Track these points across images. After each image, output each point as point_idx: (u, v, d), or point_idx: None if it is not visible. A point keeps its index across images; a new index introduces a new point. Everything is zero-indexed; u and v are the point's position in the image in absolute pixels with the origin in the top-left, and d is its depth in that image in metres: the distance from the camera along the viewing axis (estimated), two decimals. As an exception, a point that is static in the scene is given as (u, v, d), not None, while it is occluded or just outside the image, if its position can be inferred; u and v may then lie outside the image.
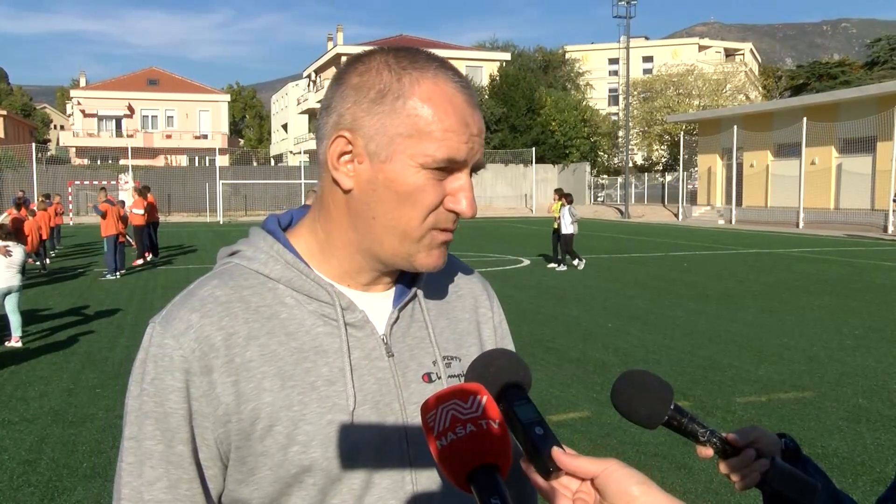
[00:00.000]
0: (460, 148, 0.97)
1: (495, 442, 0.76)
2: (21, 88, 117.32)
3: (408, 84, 0.97)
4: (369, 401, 1.01)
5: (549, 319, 10.32)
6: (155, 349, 0.99)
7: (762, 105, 43.21)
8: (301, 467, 0.96)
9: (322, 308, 1.02)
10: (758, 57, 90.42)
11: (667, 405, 0.98)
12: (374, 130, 0.97)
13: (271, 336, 1.00)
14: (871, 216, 31.08)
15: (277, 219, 1.13)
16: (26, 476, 4.88)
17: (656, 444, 5.20)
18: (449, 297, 1.16)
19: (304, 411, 0.97)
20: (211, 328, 0.98)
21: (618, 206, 47.22)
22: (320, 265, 1.05)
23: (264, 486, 0.97)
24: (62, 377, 7.31)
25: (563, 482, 0.78)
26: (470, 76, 56.38)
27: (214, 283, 1.03)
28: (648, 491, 0.75)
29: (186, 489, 0.98)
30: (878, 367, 7.56)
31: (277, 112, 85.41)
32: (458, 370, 1.09)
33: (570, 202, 16.89)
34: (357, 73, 1.00)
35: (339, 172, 1.00)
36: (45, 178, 41.94)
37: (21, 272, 8.63)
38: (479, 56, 62.64)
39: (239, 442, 0.97)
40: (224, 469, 1.00)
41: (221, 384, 0.97)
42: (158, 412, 0.97)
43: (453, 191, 0.99)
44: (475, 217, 1.01)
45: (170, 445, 0.97)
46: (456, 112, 0.97)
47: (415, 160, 0.96)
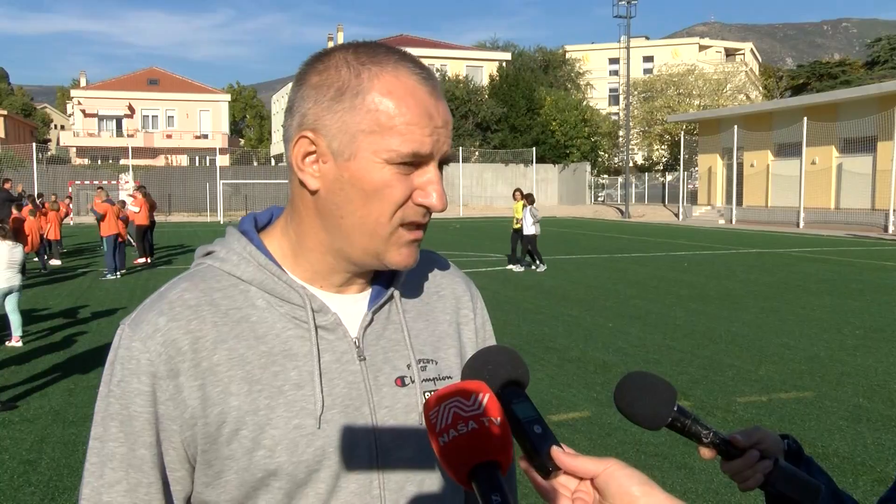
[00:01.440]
0: (424, 141, 0.95)
1: (497, 439, 0.76)
2: (22, 88, 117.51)
3: (366, 79, 0.95)
4: (338, 405, 1.00)
5: (550, 319, 10.32)
6: (123, 351, 0.98)
7: (762, 105, 43.20)
8: (267, 471, 0.96)
9: (294, 311, 1.01)
10: (758, 57, 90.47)
11: (670, 407, 0.97)
12: (335, 129, 0.96)
13: (240, 339, 0.99)
14: (871, 216, 31.07)
15: (255, 218, 1.12)
16: (27, 476, 4.88)
17: (657, 444, 5.20)
18: (429, 297, 1.15)
19: (271, 415, 0.97)
20: (178, 332, 0.97)
21: (618, 206, 47.20)
22: (293, 267, 1.04)
23: (230, 490, 0.97)
24: (63, 377, 7.32)
25: (562, 481, 0.78)
26: (470, 76, 56.43)
27: (184, 285, 1.02)
28: (650, 491, 0.75)
29: (145, 493, 0.98)
30: (878, 367, 7.55)
31: (278, 112, 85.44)
32: (433, 373, 1.07)
33: (532, 202, 16.53)
34: (316, 72, 0.99)
35: (305, 173, 0.98)
36: (46, 178, 41.96)
37: (21, 272, 8.63)
38: (480, 56, 62.66)
39: (205, 445, 0.97)
40: (192, 471, 1.00)
41: (188, 388, 0.96)
42: (123, 414, 0.97)
43: (421, 185, 0.97)
44: (445, 210, 0.99)
45: (132, 448, 0.97)
46: (418, 104, 0.95)
47: (379, 156, 0.95)
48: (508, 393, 0.82)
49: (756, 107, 42.24)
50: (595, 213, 46.50)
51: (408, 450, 1.02)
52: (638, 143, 57.42)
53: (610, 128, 56.08)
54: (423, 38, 68.73)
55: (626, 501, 0.74)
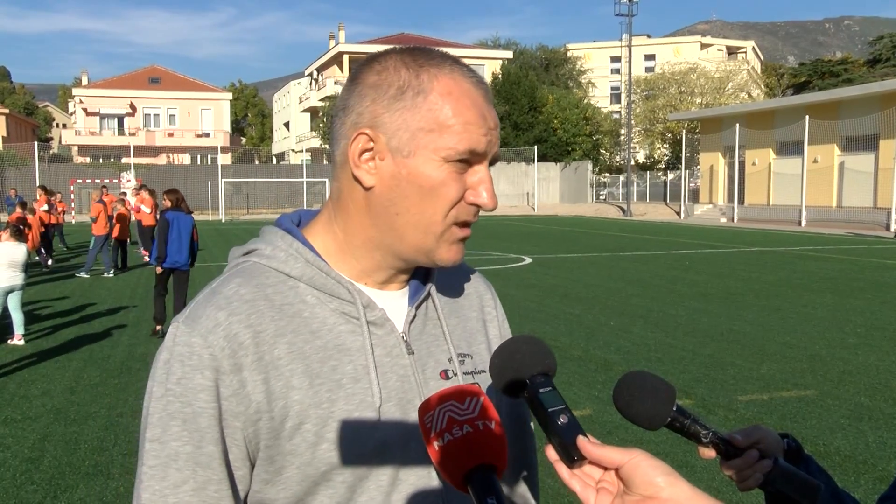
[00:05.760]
0: (480, 140, 0.98)
1: (492, 443, 0.77)
2: (24, 87, 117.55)
3: (426, 80, 0.98)
4: (394, 398, 1.01)
5: (551, 318, 10.31)
6: (181, 348, 0.96)
7: (764, 103, 43.17)
8: (330, 465, 0.96)
9: (343, 306, 1.03)
10: (760, 55, 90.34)
11: (669, 407, 0.97)
12: (395, 126, 0.98)
13: (297, 334, 0.99)
14: (873, 214, 31.04)
15: (292, 217, 1.13)
16: (29, 474, 4.88)
17: (658, 442, 5.20)
18: (457, 295, 1.18)
19: (332, 409, 0.97)
20: (239, 326, 0.97)
21: (620, 205, 47.17)
22: (338, 264, 1.05)
23: (291, 486, 0.97)
24: (64, 375, 7.32)
25: (586, 471, 0.79)
26: (472, 74, 56.28)
27: (238, 280, 1.02)
28: (674, 482, 0.75)
29: (215, 491, 0.95)
30: (880, 366, 7.55)
31: (279, 110, 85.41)
32: (471, 367, 1.10)
33: None
34: (374, 71, 1.01)
35: (361, 170, 1.00)
36: (48, 176, 41.96)
37: (24, 270, 8.64)
38: (481, 54, 62.57)
39: (268, 441, 0.96)
40: (252, 469, 0.99)
41: (252, 382, 0.96)
42: (186, 412, 0.95)
43: (473, 184, 1.00)
44: (496, 209, 1.02)
45: (199, 446, 0.95)
46: (474, 106, 0.99)
47: (437, 154, 0.97)
48: (536, 382, 0.83)
49: (758, 105, 42.20)
50: (596, 211, 46.46)
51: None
52: (640, 141, 57.41)
53: (612, 126, 56.04)
54: (425, 37, 68.65)
55: (651, 492, 0.74)
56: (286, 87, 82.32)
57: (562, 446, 0.78)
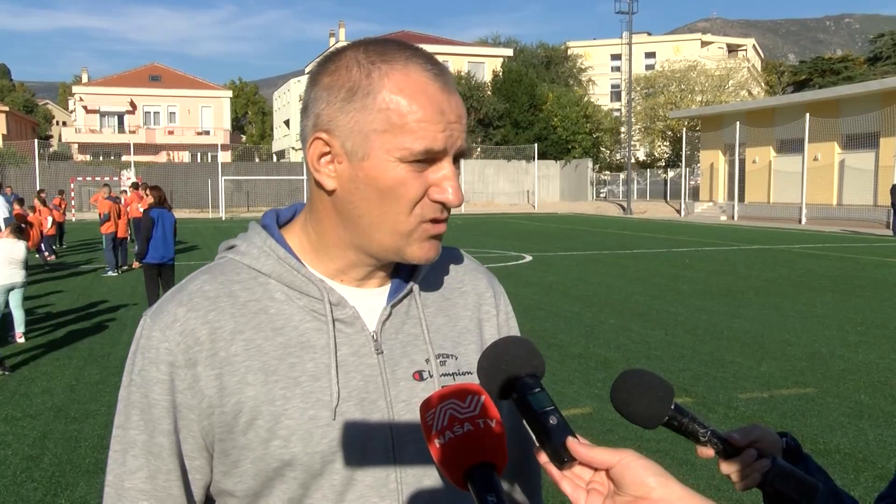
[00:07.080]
0: (437, 137, 0.95)
1: (492, 441, 0.77)
2: (23, 85, 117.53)
3: (377, 78, 0.95)
4: (354, 397, 1.00)
5: (551, 316, 10.32)
6: (144, 341, 1.01)
7: (765, 101, 43.14)
8: (282, 461, 0.97)
9: (312, 303, 1.03)
10: (760, 53, 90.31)
11: (667, 405, 0.96)
12: (348, 129, 0.96)
13: (257, 331, 1.00)
14: (873, 212, 31.02)
15: (277, 214, 1.13)
16: (29, 472, 4.89)
17: (658, 440, 5.20)
18: (450, 293, 1.15)
19: (287, 406, 0.98)
20: (196, 322, 0.99)
21: (620, 203, 47.16)
22: (314, 262, 1.05)
23: (247, 479, 0.99)
24: (65, 373, 7.33)
25: (577, 472, 0.79)
26: (472, 72, 56.32)
27: (204, 277, 1.04)
28: (665, 482, 0.74)
29: (164, 480, 1.00)
30: (880, 364, 7.55)
31: (280, 108, 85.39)
32: (453, 368, 1.08)
33: None
34: (328, 72, 0.99)
35: (321, 174, 0.99)
36: (48, 174, 42.01)
37: (24, 268, 8.64)
38: (482, 52, 62.56)
39: (222, 434, 0.98)
40: (211, 460, 1.01)
41: (205, 377, 0.98)
42: (143, 403, 1.00)
43: (437, 181, 0.97)
44: (461, 205, 1.00)
45: (151, 436, 0.99)
46: (430, 101, 0.95)
47: (392, 154, 0.95)
48: (524, 384, 0.83)
49: (758, 103, 42.20)
50: (597, 209, 46.46)
51: (425, 444, 1.03)
52: (640, 139, 57.38)
53: (612, 124, 56.03)
54: (426, 35, 68.60)
55: (641, 492, 0.74)
56: (286, 84, 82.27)
57: (551, 448, 0.78)
